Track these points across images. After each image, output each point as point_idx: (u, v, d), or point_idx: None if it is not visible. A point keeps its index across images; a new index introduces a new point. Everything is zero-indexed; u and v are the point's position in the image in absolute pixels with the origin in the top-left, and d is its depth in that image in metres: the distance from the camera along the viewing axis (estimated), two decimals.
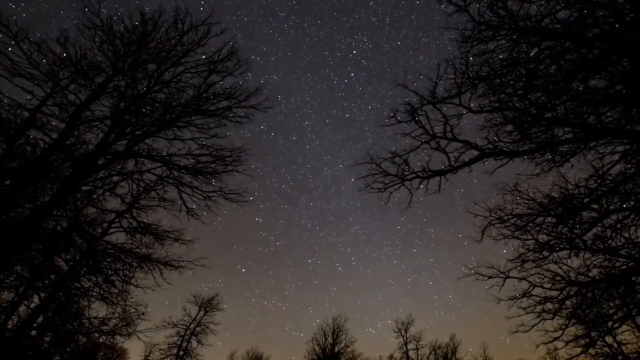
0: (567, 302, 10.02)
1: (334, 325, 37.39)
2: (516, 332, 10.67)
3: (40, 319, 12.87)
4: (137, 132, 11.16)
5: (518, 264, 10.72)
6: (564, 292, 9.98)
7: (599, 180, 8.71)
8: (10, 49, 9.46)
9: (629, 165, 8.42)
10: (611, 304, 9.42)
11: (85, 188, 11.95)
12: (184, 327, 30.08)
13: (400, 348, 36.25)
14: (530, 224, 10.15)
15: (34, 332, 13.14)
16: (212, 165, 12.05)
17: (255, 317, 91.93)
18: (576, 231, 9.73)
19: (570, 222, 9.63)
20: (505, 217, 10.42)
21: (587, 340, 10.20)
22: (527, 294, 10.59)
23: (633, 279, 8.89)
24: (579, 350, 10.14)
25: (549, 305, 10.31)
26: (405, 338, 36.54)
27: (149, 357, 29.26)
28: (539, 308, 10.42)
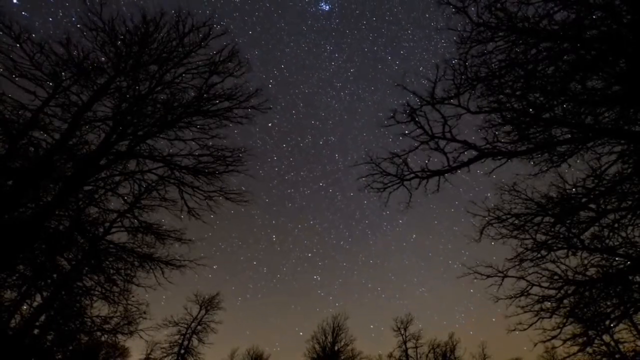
0: (565, 301, 10.09)
1: (333, 324, 37.47)
2: (514, 330, 10.77)
3: (42, 317, 12.97)
4: (138, 133, 11.24)
5: (516, 263, 10.81)
6: (562, 291, 10.05)
7: (597, 180, 8.78)
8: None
9: (626, 166, 8.49)
10: (608, 303, 9.49)
11: (87, 188, 12.04)
12: (185, 325, 30.24)
13: (399, 347, 36.35)
14: (529, 224, 10.22)
15: (36, 331, 13.23)
16: (213, 165, 12.15)
17: None
18: (574, 231, 9.80)
19: (568, 221, 9.70)
20: (504, 217, 10.50)
21: (585, 338, 10.30)
22: (526, 293, 10.67)
23: (630, 278, 8.96)
24: (576, 348, 10.23)
25: (547, 304, 10.39)
26: (404, 337, 36.64)
27: (150, 356, 29.40)
28: (537, 307, 10.51)
